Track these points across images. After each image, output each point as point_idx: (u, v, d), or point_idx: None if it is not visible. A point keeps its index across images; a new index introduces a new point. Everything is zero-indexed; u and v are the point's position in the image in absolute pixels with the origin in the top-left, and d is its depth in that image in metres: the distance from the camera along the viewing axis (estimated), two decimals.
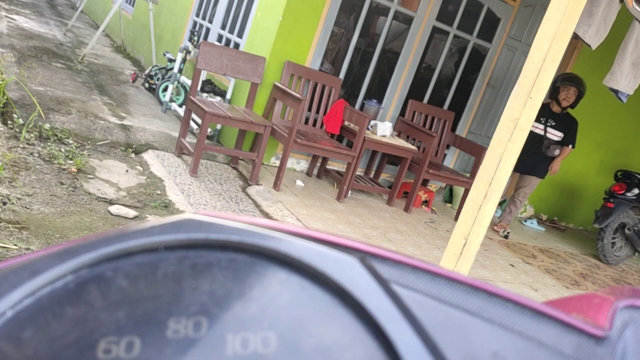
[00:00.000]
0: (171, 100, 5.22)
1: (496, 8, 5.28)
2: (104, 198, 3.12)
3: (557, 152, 5.11)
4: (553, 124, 5.08)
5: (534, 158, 5.09)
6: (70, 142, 3.74)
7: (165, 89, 5.36)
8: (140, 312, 0.28)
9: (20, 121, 3.63)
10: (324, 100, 4.67)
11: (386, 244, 3.86)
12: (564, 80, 4.99)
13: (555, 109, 5.07)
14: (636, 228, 5.49)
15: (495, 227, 5.31)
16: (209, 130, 4.69)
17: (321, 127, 4.70)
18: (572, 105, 5.05)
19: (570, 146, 5.12)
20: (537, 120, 5.02)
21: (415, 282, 0.33)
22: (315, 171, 4.92)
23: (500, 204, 5.91)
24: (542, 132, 5.09)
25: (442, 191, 5.79)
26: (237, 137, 4.38)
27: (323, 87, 4.66)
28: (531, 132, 4.99)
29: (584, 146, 6.29)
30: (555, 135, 5.10)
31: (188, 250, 0.31)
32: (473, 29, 5.29)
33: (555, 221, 6.68)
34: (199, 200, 3.51)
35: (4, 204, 2.62)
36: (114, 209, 3.01)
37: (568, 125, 5.08)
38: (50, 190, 2.97)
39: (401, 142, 4.68)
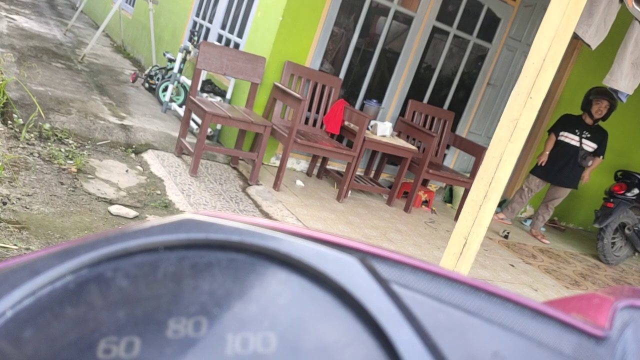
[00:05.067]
0: (171, 100, 5.22)
1: (496, 8, 5.28)
2: (104, 198, 3.12)
3: (590, 162, 5.29)
4: (588, 135, 5.25)
5: (568, 169, 5.29)
6: (70, 142, 3.75)
7: (165, 89, 5.36)
8: (140, 312, 0.28)
9: (20, 121, 3.63)
10: (324, 100, 4.67)
11: (386, 244, 3.86)
12: (597, 94, 5.17)
13: (588, 121, 5.26)
14: (636, 228, 5.49)
15: (540, 238, 5.59)
16: (209, 130, 4.69)
17: (321, 127, 4.70)
18: (604, 118, 5.22)
19: (601, 157, 5.30)
20: (572, 132, 5.27)
21: (415, 282, 0.33)
22: (315, 171, 4.92)
23: (500, 204, 5.92)
24: (577, 144, 5.25)
25: (442, 191, 5.79)
26: (237, 137, 4.38)
27: (323, 87, 4.67)
28: (566, 144, 5.21)
29: None
30: (589, 146, 5.27)
31: (188, 250, 0.32)
32: (473, 29, 5.29)
33: (555, 221, 6.68)
34: (199, 200, 3.51)
35: (4, 204, 2.62)
36: (114, 209, 3.01)
37: (601, 137, 5.27)
38: (50, 190, 2.97)
39: (401, 142, 4.68)
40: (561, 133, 5.29)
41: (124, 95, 5.24)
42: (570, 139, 5.25)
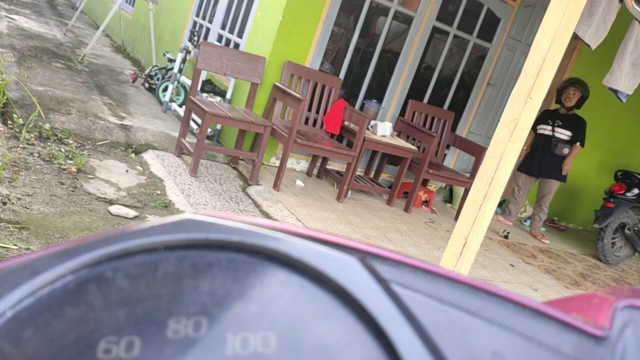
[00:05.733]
0: (171, 100, 5.22)
1: (496, 8, 5.28)
2: (104, 198, 3.12)
3: (565, 150, 5.29)
4: (560, 123, 5.32)
5: (546, 159, 5.31)
6: (70, 142, 3.75)
7: (165, 89, 5.36)
8: (140, 312, 0.28)
9: (20, 121, 3.63)
10: (324, 100, 4.67)
11: (386, 244, 3.86)
12: (563, 83, 5.34)
13: (562, 111, 5.35)
14: (636, 228, 5.49)
15: (540, 238, 5.59)
16: (209, 130, 4.69)
17: (321, 127, 4.70)
18: (577, 106, 5.28)
19: (579, 144, 5.29)
20: (546, 123, 5.37)
21: (415, 282, 0.33)
22: (315, 171, 4.92)
23: (500, 204, 5.92)
24: (550, 133, 5.33)
25: (442, 191, 5.79)
26: (237, 137, 4.38)
27: (323, 87, 4.66)
28: (541, 135, 5.25)
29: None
30: (563, 134, 5.30)
31: (188, 250, 0.31)
32: (473, 29, 5.29)
33: (555, 221, 6.68)
34: (199, 200, 3.51)
35: (4, 204, 2.62)
36: (114, 209, 3.01)
37: (575, 124, 5.30)
38: (50, 190, 2.97)
39: (401, 142, 4.68)
40: (538, 127, 5.38)
41: (124, 95, 5.24)
42: (544, 129, 5.35)
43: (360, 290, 0.30)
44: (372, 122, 4.72)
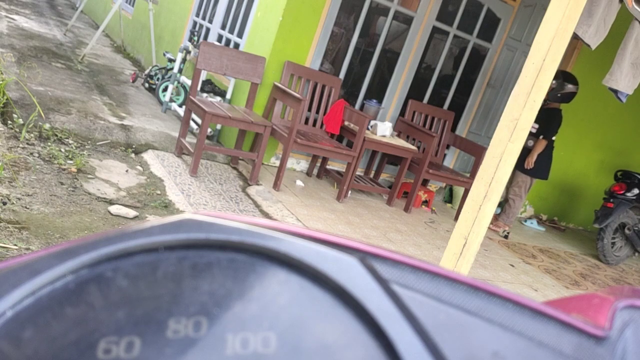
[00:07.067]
0: (171, 100, 5.22)
1: (496, 8, 5.28)
2: (104, 198, 3.12)
3: (530, 143, 5.15)
4: None
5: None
6: (70, 142, 3.75)
7: (165, 89, 5.36)
8: (140, 312, 0.28)
9: (20, 121, 3.63)
10: (324, 100, 4.67)
11: (386, 244, 3.86)
12: None
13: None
14: (636, 228, 5.49)
15: (492, 227, 5.30)
16: (209, 130, 4.69)
17: (321, 127, 4.70)
18: (558, 99, 5.07)
19: (541, 137, 5.11)
20: None
21: (415, 282, 0.33)
22: (315, 171, 4.92)
23: (501, 204, 5.92)
24: None
25: (442, 191, 5.79)
26: (237, 137, 4.38)
27: (323, 87, 4.66)
28: None
29: (584, 146, 6.29)
30: (531, 127, 5.14)
31: (188, 250, 0.31)
32: (473, 29, 5.29)
33: (555, 221, 6.68)
34: (199, 200, 3.51)
35: (4, 204, 2.62)
36: (114, 209, 3.01)
37: (547, 118, 5.11)
38: (50, 190, 2.97)
39: (401, 142, 4.68)
40: None
41: (124, 95, 5.24)
42: None
43: (360, 290, 0.30)
44: (372, 122, 4.72)
